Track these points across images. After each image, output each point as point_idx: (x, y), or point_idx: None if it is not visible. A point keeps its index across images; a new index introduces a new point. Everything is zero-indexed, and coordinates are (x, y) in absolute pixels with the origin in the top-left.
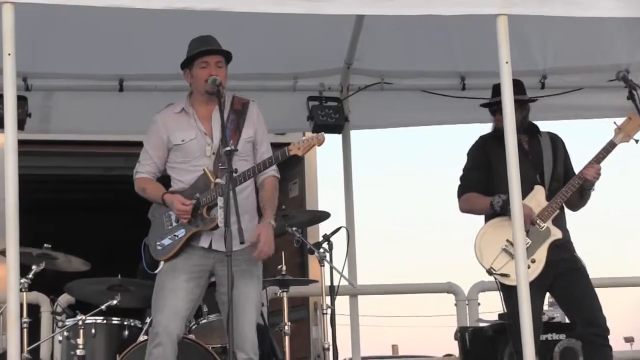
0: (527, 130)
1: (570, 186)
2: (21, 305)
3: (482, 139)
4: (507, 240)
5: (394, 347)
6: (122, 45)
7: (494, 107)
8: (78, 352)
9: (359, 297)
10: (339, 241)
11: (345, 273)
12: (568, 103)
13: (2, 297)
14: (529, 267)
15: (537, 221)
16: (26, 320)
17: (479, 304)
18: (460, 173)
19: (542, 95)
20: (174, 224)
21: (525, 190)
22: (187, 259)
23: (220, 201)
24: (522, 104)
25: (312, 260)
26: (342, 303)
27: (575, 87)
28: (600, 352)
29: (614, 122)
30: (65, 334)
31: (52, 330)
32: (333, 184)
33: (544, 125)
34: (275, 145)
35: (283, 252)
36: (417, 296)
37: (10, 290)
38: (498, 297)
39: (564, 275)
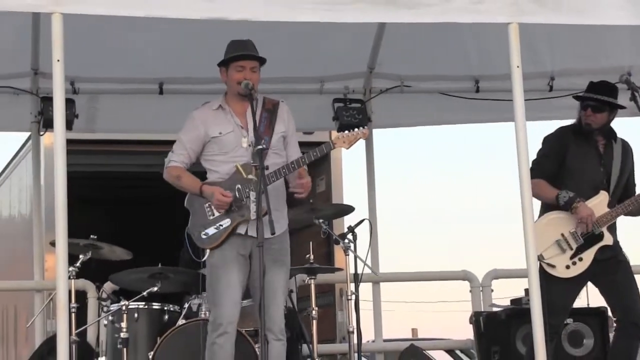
0: (606, 133)
1: (634, 201)
2: (69, 291)
3: (562, 130)
4: (562, 235)
5: (414, 331)
6: (162, 51)
7: (587, 103)
8: (122, 335)
9: (381, 284)
10: (363, 233)
11: (368, 262)
12: (574, 104)
13: (52, 284)
14: (574, 264)
15: (595, 225)
16: (74, 305)
17: (492, 290)
18: (534, 157)
19: (550, 96)
20: (216, 213)
21: (590, 193)
22: (232, 249)
23: (252, 195)
24: (612, 109)
25: (338, 250)
26: (366, 290)
27: (581, 89)
28: (629, 340)
29: None
30: (110, 318)
31: (98, 314)
32: (357, 180)
33: (551, 125)
34: (303, 144)
35: (311, 243)
36: (435, 283)
37: (60, 278)
38: (510, 284)
39: (608, 267)
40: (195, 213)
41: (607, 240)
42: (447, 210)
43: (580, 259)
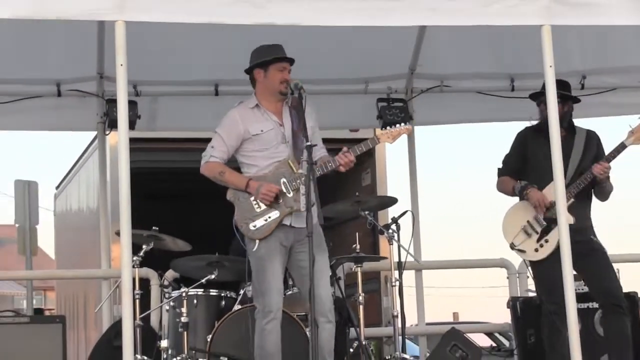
0: (565, 126)
1: (583, 179)
2: (134, 279)
3: (525, 130)
4: (527, 221)
5: (455, 314)
6: (217, 55)
7: (540, 99)
8: (182, 319)
9: (423, 271)
10: (406, 223)
11: (411, 250)
12: (605, 101)
13: (118, 272)
14: (542, 246)
15: (553, 207)
16: (138, 292)
17: (528, 277)
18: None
19: (582, 94)
20: (263, 207)
21: (549, 180)
22: (276, 241)
23: (302, 189)
24: (564, 101)
25: (382, 240)
26: (409, 276)
27: (610, 87)
28: (616, 319)
29: (629, 125)
30: (172, 304)
31: (160, 300)
32: (400, 173)
33: (583, 122)
34: (349, 141)
35: (357, 233)
36: (474, 270)
37: (124, 266)
38: None
39: (582, 254)
40: (240, 206)
41: (569, 219)
42: (484, 201)
43: (547, 241)
